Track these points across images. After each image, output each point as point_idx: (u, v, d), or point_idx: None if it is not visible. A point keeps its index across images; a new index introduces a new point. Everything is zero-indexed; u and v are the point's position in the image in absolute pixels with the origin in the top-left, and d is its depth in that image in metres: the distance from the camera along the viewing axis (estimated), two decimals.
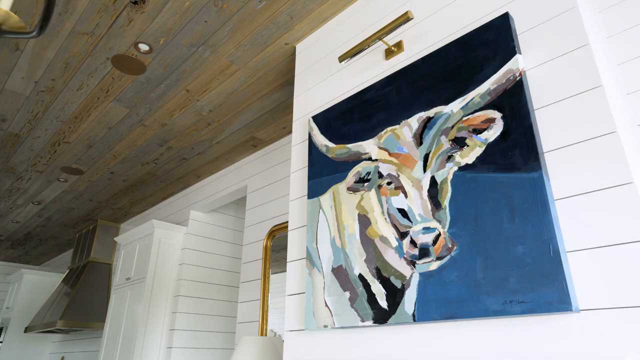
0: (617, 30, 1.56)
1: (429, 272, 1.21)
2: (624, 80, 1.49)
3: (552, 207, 1.05)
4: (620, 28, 1.55)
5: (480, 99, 1.25)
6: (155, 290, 3.45)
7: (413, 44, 1.57)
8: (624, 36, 1.53)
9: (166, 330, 3.40)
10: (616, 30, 1.56)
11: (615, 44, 1.55)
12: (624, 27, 1.54)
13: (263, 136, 3.06)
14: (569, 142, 1.08)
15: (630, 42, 1.52)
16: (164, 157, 3.37)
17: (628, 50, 1.51)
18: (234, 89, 2.51)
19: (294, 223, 1.76)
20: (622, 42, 1.53)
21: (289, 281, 1.68)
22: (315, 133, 1.75)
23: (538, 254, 1.02)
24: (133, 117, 2.80)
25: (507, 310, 1.03)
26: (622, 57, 1.51)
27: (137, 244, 3.81)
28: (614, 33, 1.56)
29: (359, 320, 1.32)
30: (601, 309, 0.92)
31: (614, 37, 1.56)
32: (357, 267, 1.40)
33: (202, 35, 2.10)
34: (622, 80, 1.49)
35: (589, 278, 0.96)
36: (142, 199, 4.24)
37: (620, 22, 1.56)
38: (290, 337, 1.56)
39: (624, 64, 1.50)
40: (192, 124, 2.90)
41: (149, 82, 2.46)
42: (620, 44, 1.54)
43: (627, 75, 1.49)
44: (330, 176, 1.61)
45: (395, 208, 1.34)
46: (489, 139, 1.20)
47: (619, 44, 1.54)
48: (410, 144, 1.38)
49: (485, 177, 1.17)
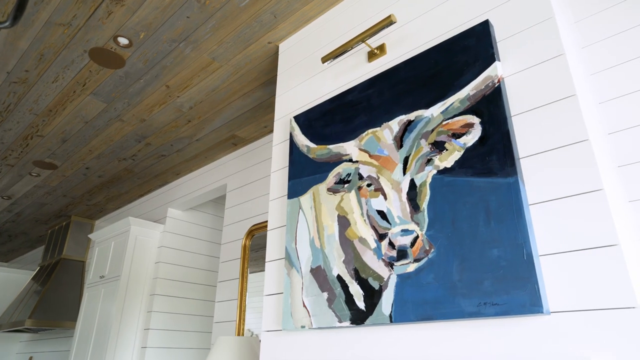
0: (592, 41, 1.61)
1: (406, 273, 1.22)
2: (598, 89, 1.54)
3: (527, 211, 1.07)
4: (595, 39, 1.60)
5: (460, 104, 1.27)
6: (130, 288, 3.39)
7: (396, 48, 1.59)
8: (598, 47, 1.59)
9: (140, 330, 3.34)
10: (591, 41, 1.61)
11: (590, 54, 1.60)
12: (598, 38, 1.60)
13: (244, 135, 3.04)
14: (544, 148, 1.11)
15: (603, 52, 1.57)
16: (142, 153, 3.30)
17: (602, 60, 1.56)
18: (216, 86, 2.49)
19: (273, 223, 1.76)
20: (596, 53, 1.59)
21: (267, 281, 1.67)
22: (296, 133, 1.75)
23: (512, 258, 1.04)
24: (111, 111, 2.74)
25: (482, 312, 1.05)
26: (596, 67, 1.57)
27: (112, 242, 3.73)
28: (589, 43, 1.61)
29: (337, 320, 1.33)
30: (570, 311, 0.95)
31: (588, 47, 1.61)
32: (336, 268, 1.40)
33: (184, 31, 2.07)
34: (595, 89, 1.54)
35: (560, 281, 0.99)
36: (119, 195, 4.15)
37: (594, 33, 1.61)
38: (267, 338, 1.55)
39: (598, 74, 1.56)
40: (171, 120, 2.85)
41: (128, 77, 2.41)
42: (595, 54, 1.59)
43: (601, 85, 1.54)
44: (311, 177, 1.61)
45: (375, 210, 1.35)
46: (468, 143, 1.22)
47: (593, 54, 1.59)
48: (390, 146, 1.39)
49: (463, 181, 1.19)
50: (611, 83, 1.51)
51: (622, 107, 1.47)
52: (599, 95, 1.53)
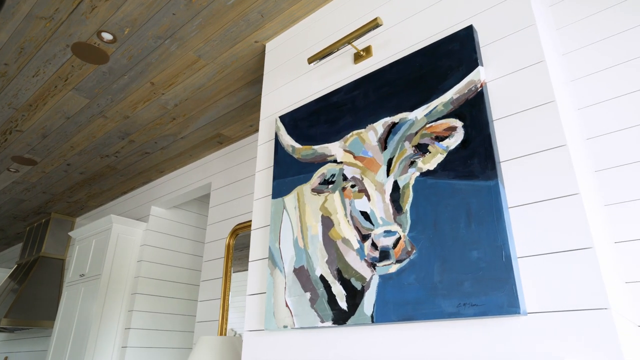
0: (573, 48, 1.65)
1: (388, 274, 1.23)
2: (577, 96, 1.58)
3: (506, 214, 1.09)
4: (575, 46, 1.64)
5: (444, 108, 1.29)
6: (111, 287, 3.34)
7: (381, 50, 1.60)
8: (579, 54, 1.63)
9: (121, 329, 3.29)
10: (571, 48, 1.65)
11: (570, 60, 1.64)
12: (579, 45, 1.64)
13: (229, 133, 3.02)
14: (523, 152, 1.13)
15: (583, 59, 1.61)
16: (125, 150, 3.26)
17: (581, 68, 1.60)
18: (201, 84, 2.47)
19: (257, 222, 1.76)
20: (577, 60, 1.62)
21: (250, 281, 1.67)
22: (282, 133, 1.75)
23: (491, 259, 1.06)
24: (93, 107, 2.70)
25: (461, 312, 1.07)
26: (576, 74, 1.60)
27: (93, 240, 3.66)
28: (570, 50, 1.65)
29: (319, 320, 1.33)
30: (546, 312, 0.97)
31: (569, 54, 1.65)
32: (319, 268, 1.41)
33: (170, 27, 2.05)
34: (575, 95, 1.58)
35: (536, 283, 1.01)
36: (101, 192, 4.08)
37: (575, 40, 1.65)
38: (249, 337, 1.55)
39: (577, 80, 1.59)
40: (156, 117, 2.82)
41: (111, 73, 2.37)
42: (575, 61, 1.63)
43: (580, 91, 1.57)
44: (295, 177, 1.61)
45: (358, 211, 1.36)
46: (450, 146, 1.24)
47: (573, 61, 1.63)
48: (375, 148, 1.40)
49: (445, 184, 1.21)
50: (590, 90, 1.55)
51: (600, 113, 1.51)
52: (578, 101, 1.57)
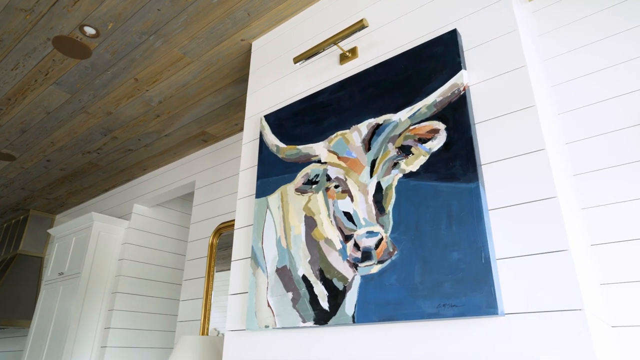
0: (554, 54, 1.68)
1: (370, 275, 1.24)
2: (558, 101, 1.61)
3: (486, 216, 1.11)
4: (557, 52, 1.68)
5: (427, 110, 1.30)
6: (90, 286, 3.28)
7: (367, 51, 1.61)
8: (560, 60, 1.66)
9: (100, 329, 3.24)
10: (553, 54, 1.68)
11: (551, 66, 1.67)
12: (560, 51, 1.67)
13: (214, 132, 3.00)
14: (504, 156, 1.15)
15: (564, 66, 1.64)
16: (108, 147, 3.21)
17: (562, 73, 1.63)
18: (186, 81, 2.44)
19: (240, 222, 1.75)
20: (558, 66, 1.66)
21: (232, 280, 1.66)
22: (266, 132, 1.74)
23: (471, 261, 1.08)
24: (75, 103, 2.65)
25: (441, 313, 1.08)
26: (557, 79, 1.64)
27: (73, 237, 3.60)
28: (551, 56, 1.68)
29: (301, 321, 1.33)
30: (523, 313, 0.99)
31: (550, 60, 1.68)
32: (301, 268, 1.40)
33: (155, 23, 2.02)
34: (556, 100, 1.62)
35: (514, 284, 1.03)
36: (82, 189, 4.01)
37: (556, 46, 1.69)
38: (230, 337, 1.54)
39: (558, 86, 1.63)
40: (139, 114, 2.78)
41: (94, 68, 2.33)
42: (556, 67, 1.66)
43: (560, 97, 1.61)
44: (279, 176, 1.61)
45: (341, 211, 1.37)
46: (433, 148, 1.25)
47: (555, 67, 1.66)
48: (358, 149, 1.41)
49: (428, 185, 1.22)
50: (570, 95, 1.59)
51: (579, 118, 1.54)
52: (559, 106, 1.60)
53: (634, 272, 1.28)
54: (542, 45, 1.72)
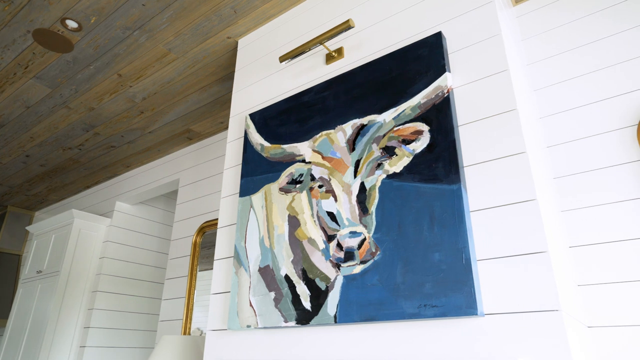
0: (537, 59, 1.71)
1: (352, 275, 1.24)
2: (540, 105, 1.64)
3: (468, 218, 1.12)
4: (539, 57, 1.70)
5: (411, 111, 1.31)
6: (70, 285, 3.21)
7: (353, 52, 1.61)
8: (542, 65, 1.69)
9: (80, 328, 3.18)
10: (535, 59, 1.71)
11: (534, 71, 1.70)
12: (543, 56, 1.70)
13: (199, 129, 2.97)
14: (486, 158, 1.16)
15: (547, 70, 1.67)
16: (90, 143, 3.15)
17: (544, 78, 1.66)
18: (171, 78, 2.41)
19: (223, 220, 1.73)
20: (540, 70, 1.69)
21: (214, 279, 1.64)
22: (251, 131, 1.73)
23: (452, 262, 1.09)
24: (56, 97, 2.59)
25: (422, 313, 1.09)
26: (539, 84, 1.66)
27: (53, 235, 3.52)
28: (534, 61, 1.71)
29: (283, 320, 1.33)
30: (502, 313, 1.00)
31: (533, 64, 1.71)
32: (284, 268, 1.40)
33: (139, 19, 1.99)
34: (537, 104, 1.64)
35: (494, 285, 1.04)
36: (62, 186, 3.93)
37: (539, 51, 1.72)
38: (212, 337, 1.53)
39: (540, 90, 1.65)
40: (123, 110, 2.74)
41: (76, 62, 2.29)
42: (538, 71, 1.69)
43: (542, 101, 1.63)
44: (264, 175, 1.60)
45: (325, 211, 1.37)
46: (416, 150, 1.26)
47: (537, 71, 1.69)
48: (343, 149, 1.41)
49: (411, 186, 1.23)
50: (552, 100, 1.62)
51: (561, 122, 1.57)
52: (540, 110, 1.63)
53: (611, 273, 1.31)
54: (525, 50, 1.74)
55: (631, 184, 1.36)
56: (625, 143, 1.41)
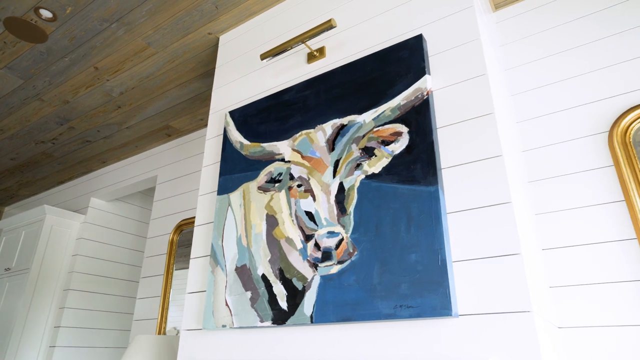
0: (515, 64, 1.74)
1: (329, 275, 1.24)
2: (517, 110, 1.67)
3: (444, 219, 1.13)
4: (518, 63, 1.74)
5: (391, 113, 1.32)
6: (40, 283, 3.12)
7: (335, 52, 1.61)
8: (520, 70, 1.72)
9: (50, 328, 3.08)
10: (514, 64, 1.74)
11: (512, 76, 1.73)
12: (521, 62, 1.73)
13: (178, 126, 2.92)
14: (463, 161, 1.18)
15: (524, 76, 1.70)
16: (64, 137, 3.06)
17: (522, 83, 1.69)
18: (150, 72, 2.37)
19: (201, 219, 1.71)
20: (518, 75, 1.72)
21: (190, 278, 1.61)
22: (231, 128, 1.71)
23: (428, 263, 1.10)
24: (29, 89, 2.51)
25: (397, 314, 1.09)
26: (517, 89, 1.69)
27: (23, 231, 3.41)
28: (512, 66, 1.74)
29: (258, 320, 1.31)
30: (475, 314, 1.02)
31: (511, 69, 1.74)
32: (261, 267, 1.39)
33: (117, 11, 1.94)
34: (515, 109, 1.67)
35: (468, 286, 1.05)
36: (34, 181, 3.81)
37: (517, 57, 1.75)
38: (186, 337, 1.50)
39: (518, 95, 1.68)
40: (99, 104, 2.67)
41: (50, 53, 2.22)
42: (516, 76, 1.72)
43: (519, 105, 1.67)
44: (242, 174, 1.59)
45: (303, 211, 1.36)
46: (395, 151, 1.26)
47: (515, 76, 1.72)
48: (322, 148, 1.41)
49: (389, 187, 1.23)
50: (529, 105, 1.65)
51: (536, 127, 1.60)
52: (517, 114, 1.66)
53: (581, 275, 1.35)
54: (504, 55, 1.78)
55: (603, 188, 1.40)
56: (597, 149, 1.45)
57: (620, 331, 1.23)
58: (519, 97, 1.68)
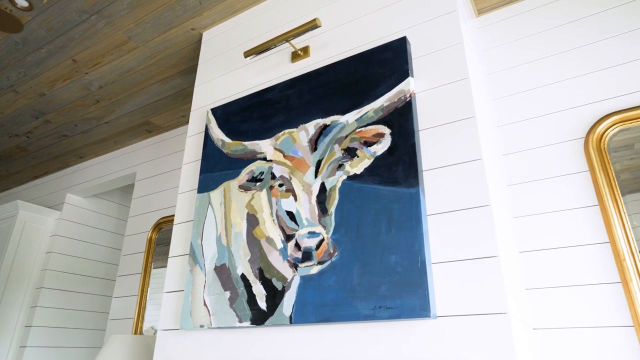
0: (497, 69, 1.76)
1: (309, 275, 1.23)
2: (497, 114, 1.69)
3: (425, 221, 1.14)
4: (500, 68, 1.76)
5: (374, 114, 1.32)
6: (11, 280, 3.02)
7: (319, 51, 1.60)
8: (502, 75, 1.75)
9: (20, 327, 2.99)
10: (496, 69, 1.77)
11: (494, 81, 1.75)
12: (503, 67, 1.76)
13: (159, 122, 2.87)
14: (444, 163, 1.19)
15: (506, 81, 1.73)
16: (39, 131, 2.97)
17: (504, 88, 1.72)
18: (130, 67, 2.32)
19: (180, 217, 1.68)
20: (500, 80, 1.74)
21: (168, 277, 1.59)
22: (212, 126, 1.69)
23: (408, 264, 1.10)
24: (2, 80, 2.43)
25: (376, 315, 1.09)
26: (499, 93, 1.72)
27: None
28: (494, 71, 1.77)
29: (237, 320, 1.30)
30: (453, 315, 1.03)
31: (493, 74, 1.77)
32: (241, 267, 1.37)
33: (97, 2, 1.90)
34: (496, 113, 1.70)
35: (447, 288, 1.06)
36: (7, 175, 3.69)
37: (500, 62, 1.77)
38: (162, 337, 1.48)
39: (499, 100, 1.71)
40: (77, 98, 2.60)
41: (25, 44, 2.15)
42: (498, 81, 1.74)
43: (501, 110, 1.69)
44: (223, 172, 1.57)
45: (284, 210, 1.35)
46: (378, 152, 1.26)
47: (497, 81, 1.75)
48: (305, 148, 1.40)
49: (370, 188, 1.24)
50: (510, 109, 1.67)
51: (517, 131, 1.63)
52: (498, 119, 1.68)
53: (557, 278, 1.37)
54: (487, 60, 1.80)
55: (579, 193, 1.43)
56: (574, 154, 1.48)
57: (593, 332, 1.26)
58: (500, 101, 1.71)
